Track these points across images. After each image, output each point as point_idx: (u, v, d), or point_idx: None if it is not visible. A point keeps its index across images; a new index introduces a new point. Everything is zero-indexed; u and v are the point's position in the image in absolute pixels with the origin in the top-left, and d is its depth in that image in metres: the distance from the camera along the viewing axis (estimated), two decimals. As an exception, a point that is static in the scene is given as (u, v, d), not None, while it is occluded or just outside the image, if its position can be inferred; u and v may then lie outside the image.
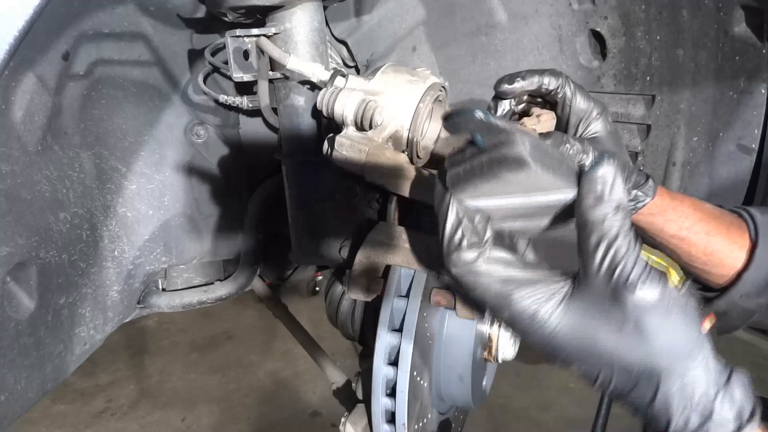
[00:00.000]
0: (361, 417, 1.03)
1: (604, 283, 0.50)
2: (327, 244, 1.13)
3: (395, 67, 0.98)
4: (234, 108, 1.22)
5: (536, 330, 0.53)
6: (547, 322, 0.53)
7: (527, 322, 0.53)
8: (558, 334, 0.53)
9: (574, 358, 0.54)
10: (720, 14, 1.04)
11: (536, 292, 0.53)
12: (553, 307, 0.53)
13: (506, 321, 0.54)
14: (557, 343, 0.53)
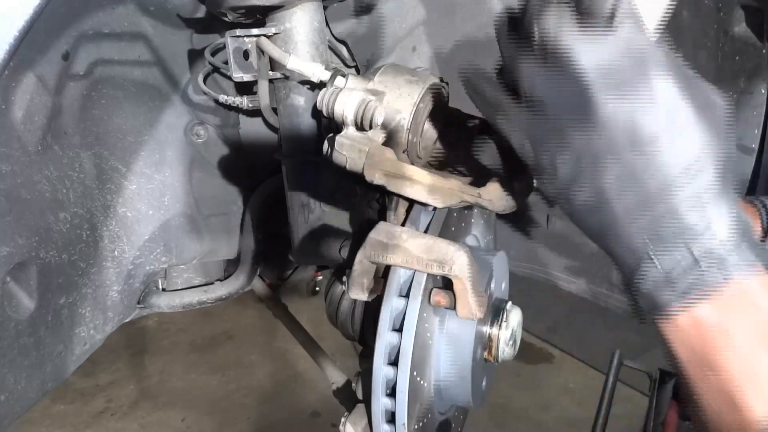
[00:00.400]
0: (361, 417, 1.03)
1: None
2: (327, 244, 1.13)
3: (395, 67, 0.98)
4: (234, 108, 1.22)
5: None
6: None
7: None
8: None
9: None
10: (720, 14, 1.04)
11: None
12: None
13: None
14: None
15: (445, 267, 0.83)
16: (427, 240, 0.85)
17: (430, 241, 0.85)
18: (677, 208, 0.51)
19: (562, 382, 3.81)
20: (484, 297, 0.89)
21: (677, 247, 0.51)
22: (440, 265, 0.83)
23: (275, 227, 1.39)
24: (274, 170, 1.32)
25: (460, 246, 0.86)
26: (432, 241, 0.85)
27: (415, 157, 0.96)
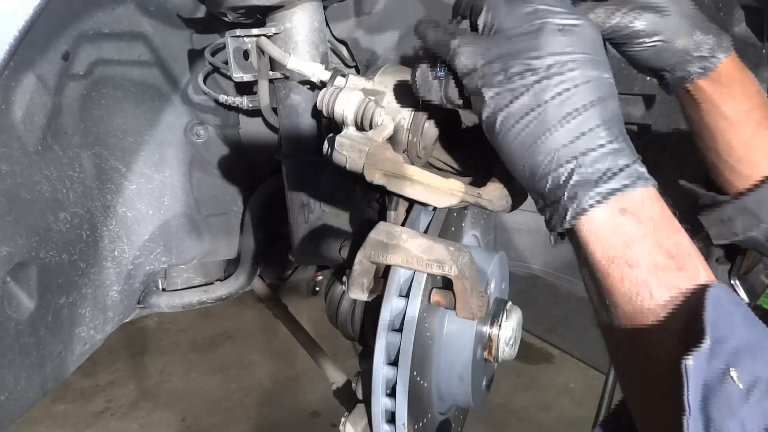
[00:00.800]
0: (361, 417, 1.03)
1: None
2: (327, 244, 1.13)
3: (395, 67, 0.98)
4: (234, 108, 1.22)
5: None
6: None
7: None
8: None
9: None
10: (720, 14, 1.04)
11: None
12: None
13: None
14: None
15: (445, 267, 0.83)
16: (427, 240, 0.85)
17: (430, 241, 0.85)
18: (603, 123, 0.61)
19: (562, 382, 3.81)
20: (484, 297, 0.90)
21: (603, 157, 0.60)
22: (440, 265, 0.83)
23: (275, 227, 1.39)
24: (274, 170, 1.32)
25: (460, 246, 0.86)
26: (432, 241, 0.85)
27: (415, 157, 0.96)
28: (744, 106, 0.86)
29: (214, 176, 1.33)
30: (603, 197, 0.59)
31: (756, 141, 0.87)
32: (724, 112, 0.86)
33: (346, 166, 0.87)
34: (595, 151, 0.60)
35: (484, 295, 0.90)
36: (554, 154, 0.61)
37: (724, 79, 0.85)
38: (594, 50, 0.63)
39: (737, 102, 0.86)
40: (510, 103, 0.62)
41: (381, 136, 0.88)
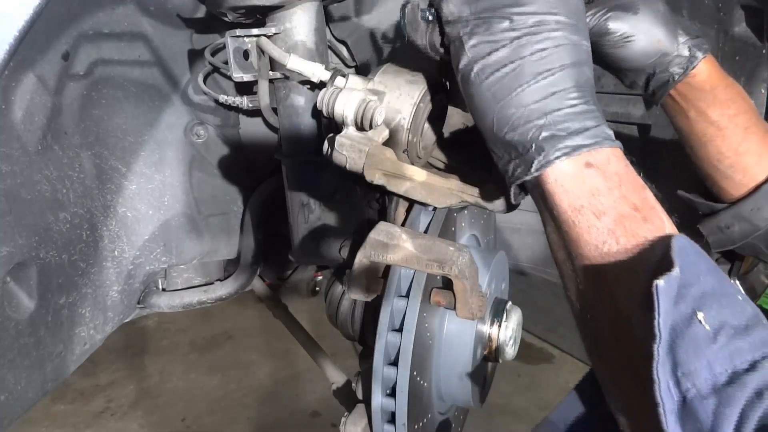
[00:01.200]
0: (361, 417, 1.03)
1: None
2: (327, 244, 1.13)
3: (395, 67, 0.98)
4: (234, 108, 1.22)
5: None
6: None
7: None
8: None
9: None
10: (720, 14, 1.04)
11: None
12: None
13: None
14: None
15: (445, 267, 0.83)
16: (427, 240, 0.85)
17: (430, 241, 0.85)
18: (576, 86, 0.62)
19: (562, 382, 3.80)
20: (484, 297, 0.90)
21: (573, 117, 0.61)
22: (440, 265, 0.83)
23: (275, 227, 1.39)
24: (274, 170, 1.32)
25: (460, 246, 0.86)
26: (432, 241, 0.85)
27: (415, 157, 0.96)
28: (730, 111, 0.87)
29: (214, 176, 1.33)
30: (570, 151, 0.60)
31: (745, 146, 0.88)
32: (711, 118, 0.88)
33: (346, 166, 0.87)
34: (565, 110, 0.61)
35: (484, 295, 0.90)
36: (525, 109, 0.62)
37: (707, 84, 0.87)
38: (577, 17, 0.64)
39: (723, 107, 0.87)
40: (488, 54, 0.63)
41: (381, 136, 0.88)
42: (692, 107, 0.88)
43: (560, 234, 0.63)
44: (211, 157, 1.31)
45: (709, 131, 0.89)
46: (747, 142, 0.88)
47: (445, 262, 0.83)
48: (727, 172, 0.89)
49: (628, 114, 1.22)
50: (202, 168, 1.31)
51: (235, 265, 1.42)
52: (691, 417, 0.48)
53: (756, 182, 0.87)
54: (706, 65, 0.87)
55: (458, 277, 0.84)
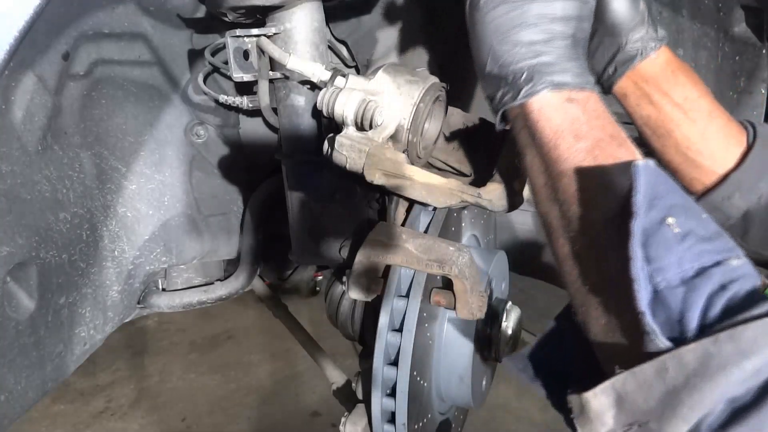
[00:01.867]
0: (361, 417, 1.03)
1: None
2: (327, 244, 1.13)
3: (395, 67, 0.98)
4: (234, 108, 1.22)
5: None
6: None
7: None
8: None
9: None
10: (720, 14, 1.04)
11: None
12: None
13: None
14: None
15: (445, 267, 0.83)
16: (427, 240, 0.86)
17: (430, 241, 0.85)
18: (573, 38, 0.68)
19: (562, 382, 3.80)
20: (484, 297, 0.90)
21: (563, 63, 0.67)
22: (440, 265, 0.83)
23: (275, 227, 1.39)
24: (274, 170, 1.32)
25: (460, 246, 0.86)
26: (432, 241, 0.85)
27: (415, 157, 0.96)
28: (693, 94, 0.89)
29: (214, 176, 1.33)
30: (555, 86, 0.66)
31: (711, 131, 0.89)
32: (675, 100, 0.89)
33: (346, 166, 0.87)
34: (558, 55, 0.67)
35: (484, 295, 0.90)
36: (521, 47, 0.67)
37: (669, 66, 0.89)
38: None
39: (685, 90, 0.89)
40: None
41: (381, 136, 0.88)
42: (656, 90, 0.90)
43: (541, 157, 0.68)
44: (211, 157, 1.31)
45: (675, 115, 0.89)
46: (712, 126, 0.88)
47: (445, 262, 0.83)
48: (696, 159, 0.89)
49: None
50: (202, 168, 1.31)
51: (235, 265, 1.42)
52: (662, 305, 0.52)
53: (726, 169, 0.87)
54: (666, 51, 0.90)
55: (458, 277, 0.84)
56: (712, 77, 1.10)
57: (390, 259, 0.86)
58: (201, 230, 1.34)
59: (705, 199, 0.89)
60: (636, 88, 0.91)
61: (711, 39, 1.07)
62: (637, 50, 0.89)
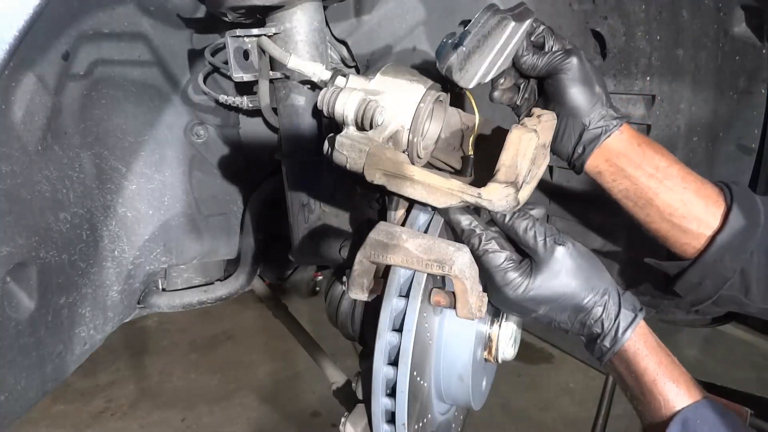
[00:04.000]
0: (361, 417, 1.03)
1: (541, 251, 0.85)
2: (327, 244, 1.13)
3: (396, 67, 0.98)
4: (234, 108, 1.22)
5: (515, 291, 0.85)
6: (521, 285, 0.85)
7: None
8: (529, 293, 0.84)
9: (539, 303, 0.86)
10: (720, 14, 1.04)
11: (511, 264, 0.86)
12: (523, 275, 0.85)
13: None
14: (530, 297, 0.85)
15: (445, 267, 0.83)
16: (427, 240, 0.85)
17: (430, 241, 0.85)
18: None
19: (562, 382, 3.81)
20: (484, 297, 0.89)
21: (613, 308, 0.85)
22: (440, 265, 0.83)
23: (275, 227, 1.39)
24: (274, 170, 1.32)
25: (460, 246, 0.86)
26: (432, 241, 0.85)
27: (415, 157, 0.95)
28: (663, 163, 0.92)
29: (214, 176, 1.33)
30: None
31: (688, 195, 0.92)
32: (648, 171, 0.93)
33: (346, 166, 0.87)
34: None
35: (484, 295, 0.90)
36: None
37: (634, 141, 0.93)
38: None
39: (655, 159, 0.93)
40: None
41: (381, 136, 0.88)
42: (627, 163, 0.93)
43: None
44: (211, 157, 1.31)
45: (652, 184, 0.93)
46: (688, 191, 0.91)
47: (445, 262, 0.83)
48: (682, 225, 0.92)
49: (628, 114, 1.23)
50: (202, 168, 1.31)
51: (235, 265, 1.42)
52: None
53: (711, 230, 0.90)
54: (628, 128, 0.94)
55: (458, 277, 0.84)
56: (712, 77, 1.10)
57: (390, 259, 0.85)
58: (201, 230, 1.34)
59: (698, 265, 0.91)
60: (609, 165, 0.94)
61: (711, 39, 1.07)
62: (601, 128, 0.92)
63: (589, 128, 0.93)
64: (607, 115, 0.93)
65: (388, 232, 0.86)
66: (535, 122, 0.84)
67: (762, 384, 3.71)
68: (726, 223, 0.88)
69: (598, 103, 0.92)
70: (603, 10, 1.16)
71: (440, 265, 0.83)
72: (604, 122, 0.92)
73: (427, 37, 1.35)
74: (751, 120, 1.07)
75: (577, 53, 0.92)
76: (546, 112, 0.89)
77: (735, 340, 4.16)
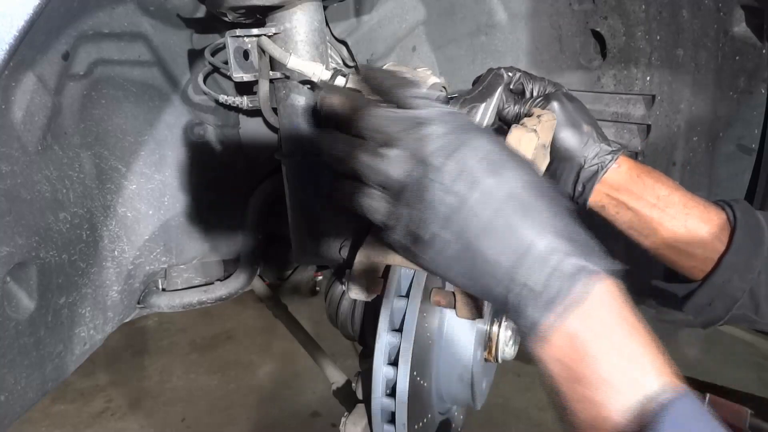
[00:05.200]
0: (361, 417, 1.03)
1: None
2: (327, 244, 1.13)
3: (395, 67, 0.98)
4: (234, 108, 1.22)
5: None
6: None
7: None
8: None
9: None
10: (720, 14, 1.04)
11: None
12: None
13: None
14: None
15: (445, 267, 0.83)
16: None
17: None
18: (531, 247, 0.56)
19: (562, 382, 3.80)
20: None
21: (540, 270, 0.55)
22: (440, 265, 0.83)
23: (275, 227, 1.39)
24: (274, 170, 1.32)
25: (460, 246, 0.86)
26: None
27: (415, 157, 0.95)
28: (663, 192, 0.92)
29: (214, 176, 1.33)
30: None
31: (691, 222, 0.91)
32: (650, 201, 0.93)
33: (346, 166, 0.87)
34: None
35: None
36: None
37: (633, 172, 0.93)
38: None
39: (655, 189, 0.93)
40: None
41: (381, 136, 0.87)
42: (629, 196, 0.94)
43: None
44: (211, 157, 1.31)
45: (654, 214, 0.93)
46: (691, 217, 0.91)
47: (445, 262, 0.83)
48: (687, 250, 0.92)
49: (628, 114, 1.23)
50: (202, 168, 1.31)
51: (235, 265, 1.42)
52: None
53: (717, 253, 0.90)
54: (625, 160, 0.94)
55: (458, 277, 0.84)
56: (712, 77, 1.10)
57: (390, 259, 0.86)
58: (201, 230, 1.34)
59: (707, 287, 0.91)
60: (610, 199, 0.95)
61: (711, 39, 1.07)
62: (597, 165, 0.93)
63: (586, 167, 0.93)
64: (601, 152, 0.93)
65: (388, 232, 0.86)
66: (535, 122, 0.84)
67: (762, 384, 3.71)
68: (732, 245, 0.88)
69: (589, 140, 0.93)
70: (603, 10, 1.16)
71: (440, 265, 0.83)
72: (598, 159, 0.93)
73: (427, 37, 1.35)
74: (751, 120, 1.07)
75: (557, 97, 0.92)
76: (546, 112, 0.89)
77: (735, 340, 4.16)
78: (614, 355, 0.55)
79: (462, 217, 0.56)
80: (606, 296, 0.56)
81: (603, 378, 0.54)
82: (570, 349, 0.55)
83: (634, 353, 0.55)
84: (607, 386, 0.54)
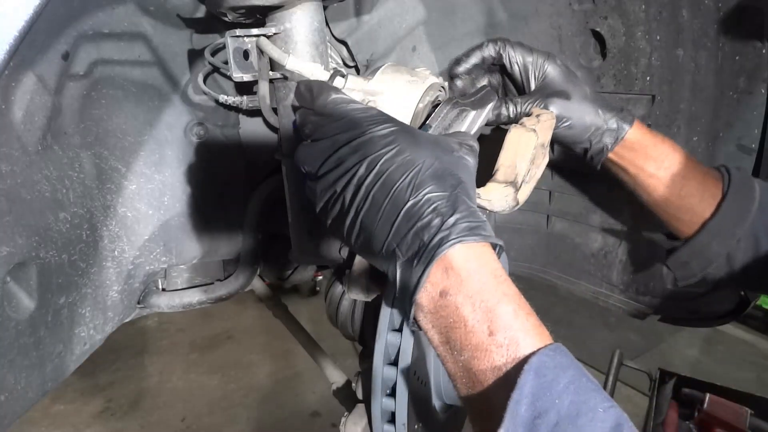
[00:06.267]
0: (361, 417, 1.03)
1: None
2: (327, 244, 1.13)
3: (395, 67, 0.98)
4: (234, 108, 1.22)
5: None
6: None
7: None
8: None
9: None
10: (720, 14, 1.04)
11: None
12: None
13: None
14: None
15: (445, 267, 0.83)
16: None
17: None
18: (409, 211, 0.61)
19: (562, 382, 3.81)
20: (484, 297, 0.89)
21: (412, 238, 0.60)
22: (440, 265, 0.83)
23: (275, 227, 1.39)
24: (274, 170, 1.32)
25: (460, 246, 0.86)
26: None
27: (415, 157, 0.96)
28: (665, 164, 1.00)
29: (215, 176, 1.33)
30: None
31: (686, 191, 1.00)
32: (649, 172, 1.02)
33: (346, 166, 0.87)
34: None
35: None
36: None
37: (637, 145, 1.01)
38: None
39: (657, 162, 1.01)
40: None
41: (381, 136, 0.87)
42: (630, 165, 1.02)
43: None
44: (211, 157, 1.31)
45: (651, 182, 1.02)
46: (687, 187, 1.00)
47: (445, 262, 0.83)
48: (676, 214, 1.02)
49: (631, 114, 1.23)
50: (202, 168, 1.31)
51: (235, 265, 1.42)
52: None
53: (703, 219, 0.99)
54: (636, 130, 1.01)
55: (458, 277, 0.84)
56: (712, 77, 1.10)
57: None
58: (201, 230, 1.34)
59: (687, 246, 1.01)
60: (613, 164, 1.05)
61: (711, 39, 1.07)
62: (603, 146, 1.02)
63: (593, 146, 1.03)
64: (607, 130, 1.01)
65: (387, 232, 0.86)
66: (534, 122, 0.84)
67: (762, 384, 3.71)
68: (717, 212, 0.97)
69: (595, 128, 1.01)
70: (603, 10, 1.17)
71: (440, 265, 0.83)
72: (608, 138, 1.01)
73: (427, 37, 1.35)
74: (751, 120, 1.07)
75: (552, 59, 1.00)
76: (545, 112, 0.89)
77: (735, 340, 4.16)
78: (482, 314, 0.58)
79: (359, 197, 0.64)
80: (478, 262, 0.59)
81: (471, 342, 0.57)
82: (443, 312, 0.58)
83: (504, 314, 0.59)
84: (474, 348, 0.57)
